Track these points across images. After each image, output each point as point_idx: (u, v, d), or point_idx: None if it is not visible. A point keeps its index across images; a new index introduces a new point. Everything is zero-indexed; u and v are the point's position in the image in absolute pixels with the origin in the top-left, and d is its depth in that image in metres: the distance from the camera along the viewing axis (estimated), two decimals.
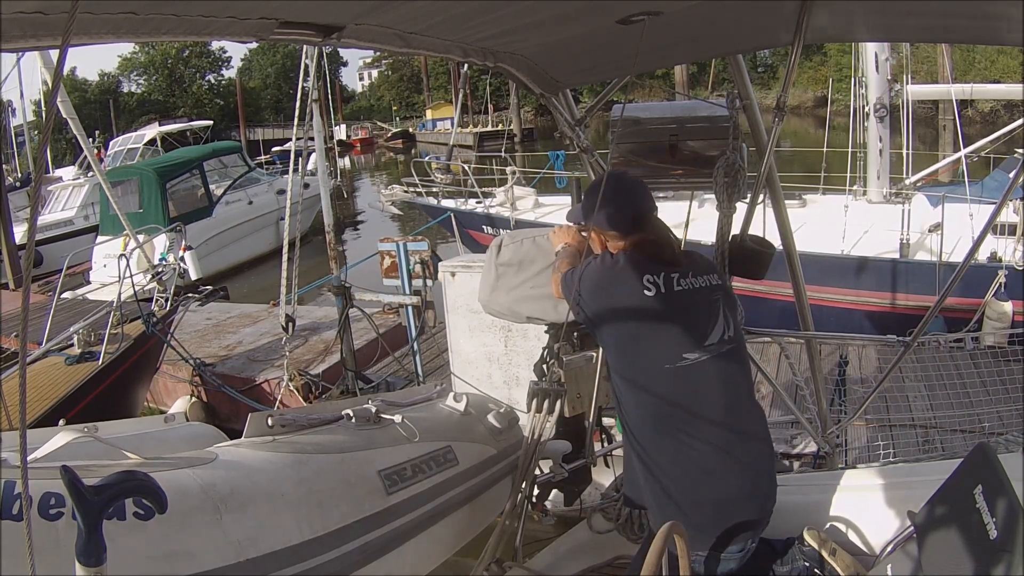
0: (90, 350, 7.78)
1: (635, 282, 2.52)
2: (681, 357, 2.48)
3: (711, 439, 2.48)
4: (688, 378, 2.48)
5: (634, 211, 2.70)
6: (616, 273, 2.57)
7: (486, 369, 6.14)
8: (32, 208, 5.52)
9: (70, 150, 37.68)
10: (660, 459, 2.52)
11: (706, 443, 2.47)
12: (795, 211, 10.91)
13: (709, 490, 2.47)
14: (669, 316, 2.53)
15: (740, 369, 2.67)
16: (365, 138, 58.78)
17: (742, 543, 2.51)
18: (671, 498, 2.49)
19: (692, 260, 2.68)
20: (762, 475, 2.60)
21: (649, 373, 2.50)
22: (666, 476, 2.50)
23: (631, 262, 2.58)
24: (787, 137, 34.16)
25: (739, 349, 2.68)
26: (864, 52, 12.23)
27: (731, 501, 2.48)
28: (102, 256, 14.55)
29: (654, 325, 2.53)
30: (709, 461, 2.47)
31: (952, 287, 3.73)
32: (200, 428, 4.32)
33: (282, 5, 1.77)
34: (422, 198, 15.12)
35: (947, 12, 2.46)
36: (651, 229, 2.70)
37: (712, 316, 2.58)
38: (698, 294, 2.58)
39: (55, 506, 1.61)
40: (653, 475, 2.53)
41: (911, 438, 6.36)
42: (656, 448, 2.53)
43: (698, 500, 2.47)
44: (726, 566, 2.50)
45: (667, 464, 2.50)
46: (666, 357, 2.48)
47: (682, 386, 2.48)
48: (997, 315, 8.64)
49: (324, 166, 8.90)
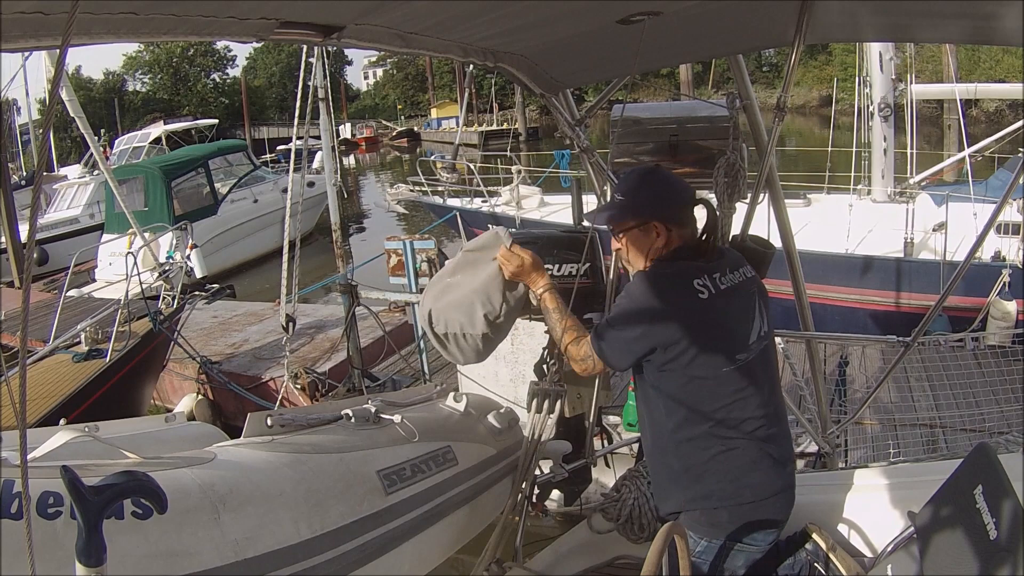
0: (97, 347, 7.83)
1: (689, 289, 2.40)
2: (735, 359, 2.43)
3: (756, 438, 2.45)
4: (739, 379, 2.44)
5: (689, 197, 2.59)
6: (667, 289, 2.43)
7: (492, 367, 6.13)
8: (32, 205, 5.50)
9: (75, 148, 37.85)
10: (710, 463, 2.45)
11: (751, 442, 2.45)
12: (800, 210, 10.96)
13: (752, 490, 2.45)
14: (722, 319, 2.45)
15: (775, 365, 2.66)
16: (370, 137, 58.95)
17: (771, 538, 2.55)
18: (713, 498, 2.46)
19: (723, 254, 2.61)
20: (792, 473, 2.61)
21: (708, 380, 2.41)
22: (712, 477, 2.46)
23: (676, 271, 2.47)
24: (791, 136, 34.20)
25: (772, 344, 2.66)
26: (868, 51, 12.23)
27: (769, 499, 2.48)
28: (107, 254, 14.59)
29: (710, 330, 2.42)
30: (754, 460, 2.46)
31: (953, 286, 3.72)
32: (200, 428, 4.33)
33: (282, 5, 1.77)
34: (428, 197, 15.14)
35: (948, 12, 2.46)
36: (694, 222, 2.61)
37: (753, 313, 2.53)
38: (739, 291, 2.51)
39: (54, 505, 1.62)
40: (698, 477, 2.48)
41: (913, 438, 6.35)
42: (703, 450, 2.46)
43: (740, 500, 2.45)
44: (750, 558, 2.55)
45: (715, 466, 2.45)
46: (723, 361, 2.41)
47: (736, 388, 2.43)
48: (1001, 314, 8.63)
49: (331, 164, 8.90)
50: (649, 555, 1.80)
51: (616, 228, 2.62)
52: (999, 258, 9.21)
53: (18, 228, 13.71)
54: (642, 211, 2.54)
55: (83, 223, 20.48)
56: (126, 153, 27.02)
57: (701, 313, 2.40)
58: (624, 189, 2.62)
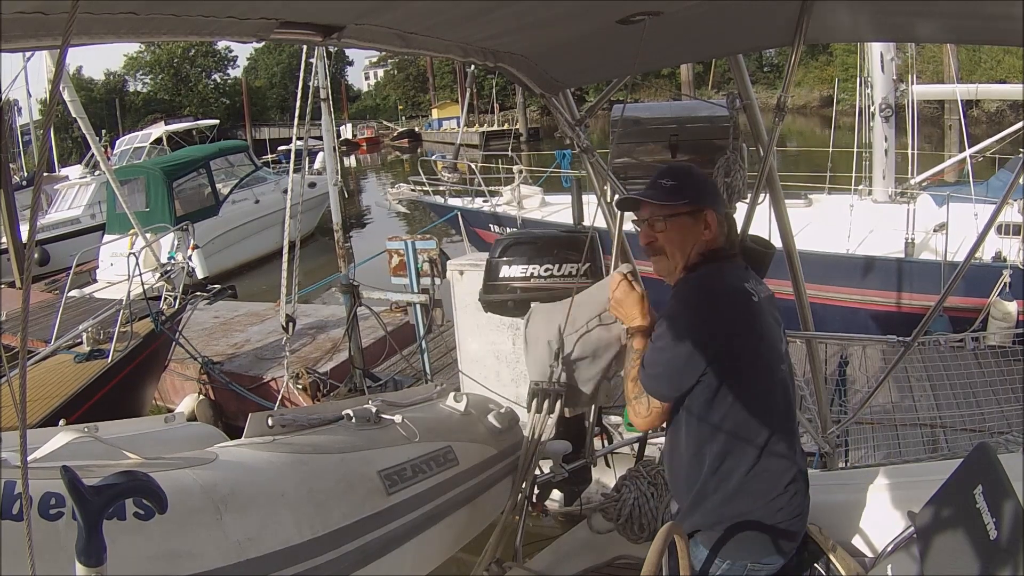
0: (99, 348, 7.84)
1: (745, 292, 2.26)
2: (780, 368, 2.32)
3: (786, 455, 2.32)
4: (777, 392, 2.32)
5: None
6: (725, 292, 2.26)
7: (494, 367, 6.15)
8: (33, 205, 5.51)
9: (76, 149, 37.88)
10: (747, 481, 2.28)
11: (782, 460, 2.31)
12: (801, 210, 10.96)
13: (783, 512, 2.31)
14: (766, 328, 2.30)
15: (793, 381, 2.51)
16: (371, 137, 59.04)
17: (789, 555, 2.40)
18: (744, 519, 2.29)
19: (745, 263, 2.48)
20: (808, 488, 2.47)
21: (752, 392, 2.26)
22: (747, 497, 2.29)
23: (730, 272, 2.33)
24: (792, 137, 34.20)
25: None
26: (870, 52, 12.23)
27: (796, 518, 2.36)
28: (109, 255, 14.60)
29: (762, 339, 2.29)
30: (786, 480, 2.32)
31: (952, 287, 3.73)
32: (200, 428, 4.34)
33: (282, 5, 1.77)
34: (429, 196, 15.15)
35: (948, 12, 2.46)
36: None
37: (779, 327, 2.39)
38: (769, 301, 2.36)
39: (55, 506, 1.62)
40: (731, 497, 2.30)
41: (914, 438, 6.35)
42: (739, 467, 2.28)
43: (772, 521, 2.30)
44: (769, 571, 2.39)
45: (751, 484, 2.28)
46: (767, 373, 2.28)
47: (774, 402, 2.31)
48: (1002, 315, 8.64)
49: (333, 165, 8.91)
50: (649, 555, 1.80)
51: (665, 211, 2.37)
52: (1000, 259, 9.22)
53: (19, 228, 13.73)
54: (698, 196, 2.37)
55: (84, 223, 20.53)
56: (127, 153, 27.10)
57: (757, 317, 2.27)
58: (671, 174, 2.41)
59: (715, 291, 2.26)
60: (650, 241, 2.42)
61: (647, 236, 2.42)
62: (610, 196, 3.59)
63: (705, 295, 2.26)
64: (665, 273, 2.43)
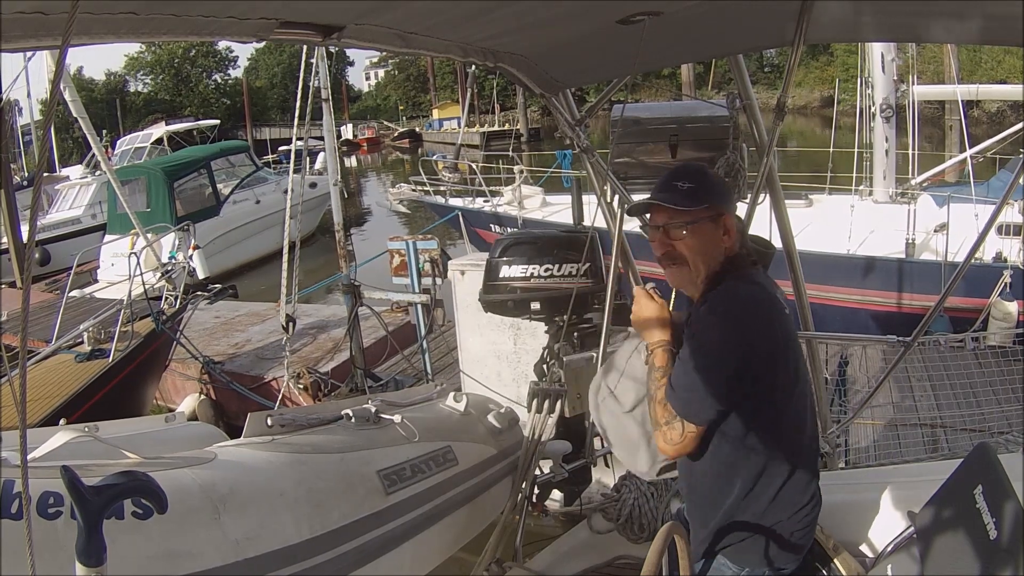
0: (100, 348, 7.84)
1: (779, 302, 2.15)
2: (806, 379, 2.23)
3: (809, 466, 2.26)
4: (810, 401, 2.27)
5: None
6: (762, 303, 2.11)
7: (495, 367, 6.15)
8: (33, 205, 5.49)
9: (77, 149, 37.90)
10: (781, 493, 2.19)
11: (805, 472, 2.24)
12: (801, 211, 10.95)
13: (802, 520, 2.25)
14: (794, 336, 2.19)
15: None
16: (372, 137, 59.07)
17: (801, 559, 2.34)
18: (770, 531, 2.21)
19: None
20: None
21: (784, 400, 2.15)
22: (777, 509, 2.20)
23: (762, 280, 2.19)
24: (793, 137, 34.16)
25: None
26: (870, 52, 12.22)
27: (813, 527, 2.32)
28: (110, 255, 14.60)
29: (795, 348, 2.18)
30: (811, 491, 2.26)
31: (953, 287, 3.72)
32: (200, 428, 4.34)
33: (282, 5, 1.78)
34: (430, 196, 15.15)
35: (948, 12, 2.46)
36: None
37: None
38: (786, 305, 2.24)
39: (54, 505, 1.62)
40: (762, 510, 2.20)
41: (914, 438, 6.35)
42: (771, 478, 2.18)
43: (793, 529, 2.23)
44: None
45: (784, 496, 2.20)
46: (795, 381, 2.16)
47: (809, 412, 2.25)
48: (1002, 315, 8.63)
49: (334, 165, 8.91)
50: (649, 555, 1.80)
51: (686, 218, 2.16)
52: (1000, 259, 9.21)
53: (20, 228, 13.71)
54: (717, 198, 2.18)
55: (85, 223, 20.52)
56: (128, 154, 27.09)
57: (791, 327, 2.15)
58: (688, 176, 2.19)
59: (760, 303, 2.10)
60: (667, 250, 2.21)
61: (663, 245, 2.21)
62: (610, 196, 3.59)
63: (753, 307, 2.09)
64: (685, 283, 2.24)
